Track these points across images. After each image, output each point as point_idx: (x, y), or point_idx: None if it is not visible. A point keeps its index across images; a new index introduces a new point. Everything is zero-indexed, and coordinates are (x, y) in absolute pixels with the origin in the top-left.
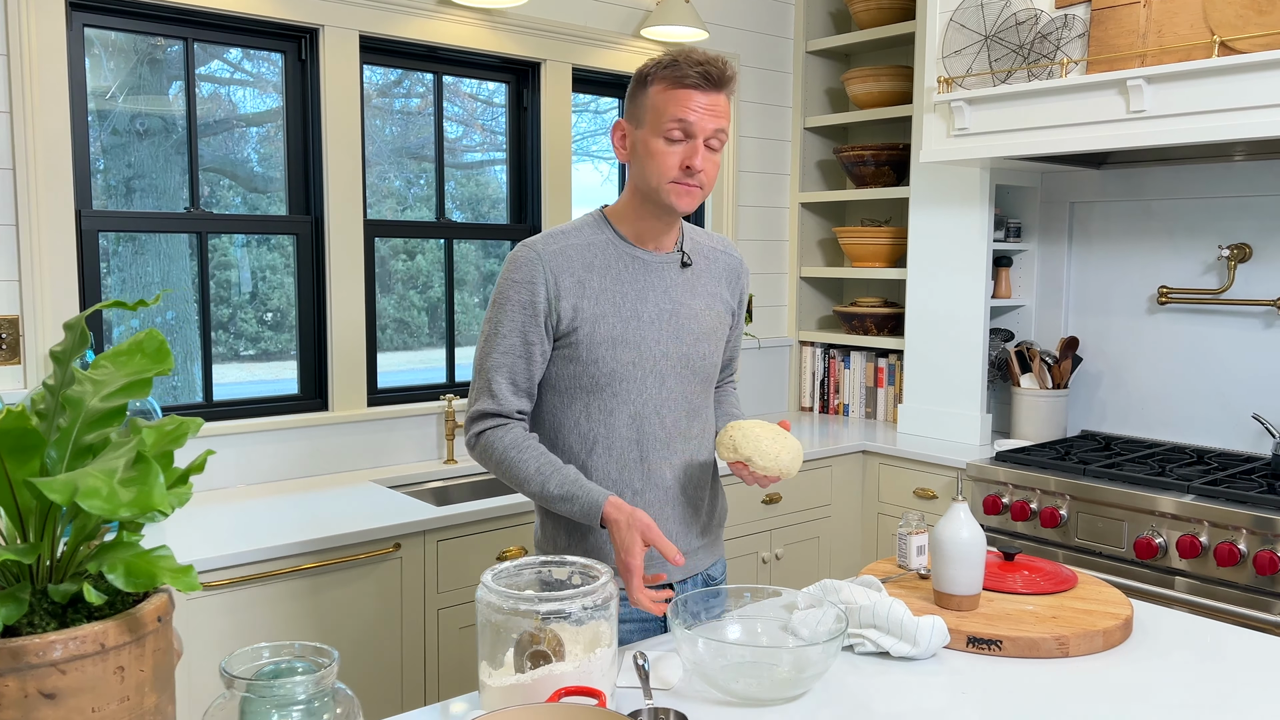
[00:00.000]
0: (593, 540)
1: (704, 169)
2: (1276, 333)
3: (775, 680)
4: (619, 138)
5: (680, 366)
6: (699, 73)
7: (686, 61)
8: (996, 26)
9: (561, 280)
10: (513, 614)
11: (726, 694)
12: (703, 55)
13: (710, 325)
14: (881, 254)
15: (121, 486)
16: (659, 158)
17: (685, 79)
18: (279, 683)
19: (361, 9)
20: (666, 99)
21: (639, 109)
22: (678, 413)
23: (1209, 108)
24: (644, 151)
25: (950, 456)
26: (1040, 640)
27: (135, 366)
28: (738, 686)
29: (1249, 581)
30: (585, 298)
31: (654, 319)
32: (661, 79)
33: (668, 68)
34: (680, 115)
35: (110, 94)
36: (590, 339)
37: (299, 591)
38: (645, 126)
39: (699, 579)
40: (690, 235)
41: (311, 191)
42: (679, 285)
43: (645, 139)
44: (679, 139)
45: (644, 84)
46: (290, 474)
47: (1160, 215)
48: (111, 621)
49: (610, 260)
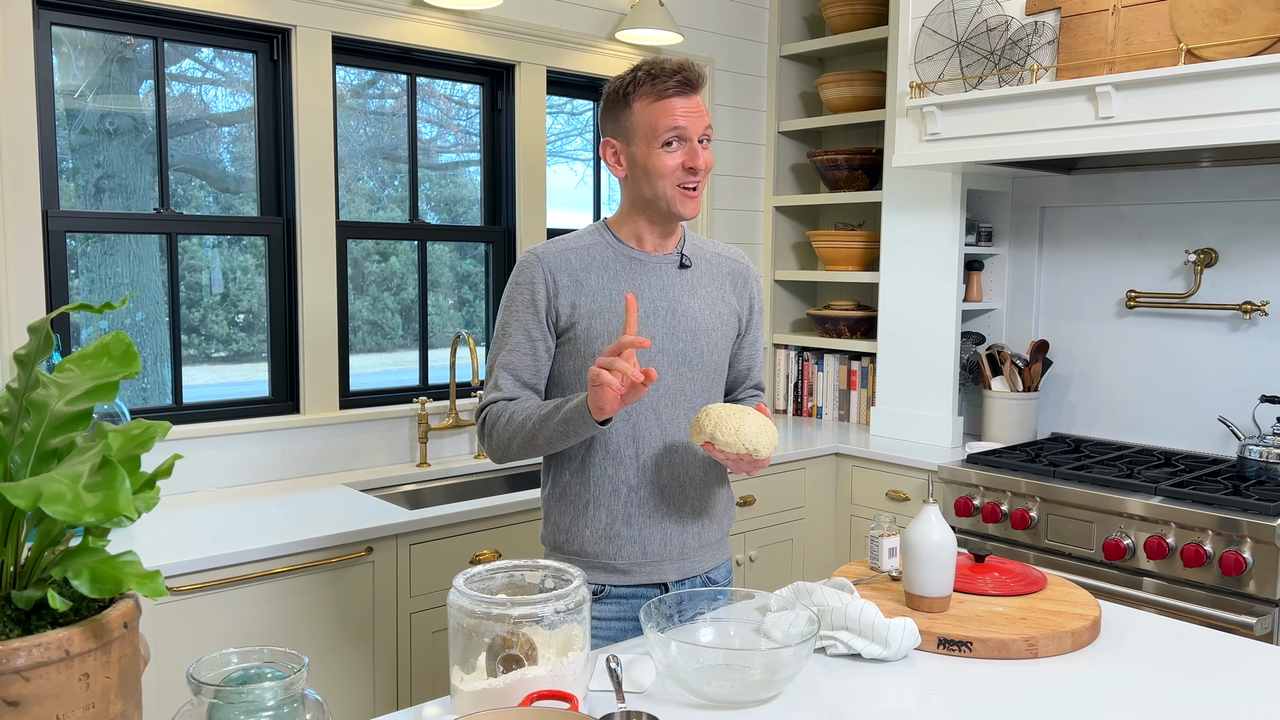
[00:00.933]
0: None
1: (705, 165)
2: (1242, 336)
3: (747, 683)
4: (611, 155)
5: (677, 363)
6: (679, 80)
7: (663, 73)
8: (968, 33)
9: (559, 279)
10: (485, 618)
11: (699, 697)
12: (673, 63)
13: (710, 324)
14: (855, 257)
15: (86, 491)
16: (661, 167)
17: (667, 89)
18: (247, 688)
19: (334, 9)
20: (655, 112)
21: (626, 126)
22: (675, 410)
23: (1176, 114)
24: (644, 164)
25: (922, 459)
26: (1010, 641)
27: (101, 370)
28: (710, 689)
29: (1215, 582)
30: (583, 295)
31: (649, 315)
32: (644, 94)
33: (647, 82)
34: (673, 124)
35: (79, 93)
36: (587, 334)
37: (269, 596)
38: (638, 141)
39: (698, 580)
40: (692, 240)
41: (283, 193)
42: (676, 284)
43: (643, 153)
44: (675, 147)
45: (625, 101)
46: (261, 477)
47: (1129, 220)
48: (76, 628)
49: (608, 260)
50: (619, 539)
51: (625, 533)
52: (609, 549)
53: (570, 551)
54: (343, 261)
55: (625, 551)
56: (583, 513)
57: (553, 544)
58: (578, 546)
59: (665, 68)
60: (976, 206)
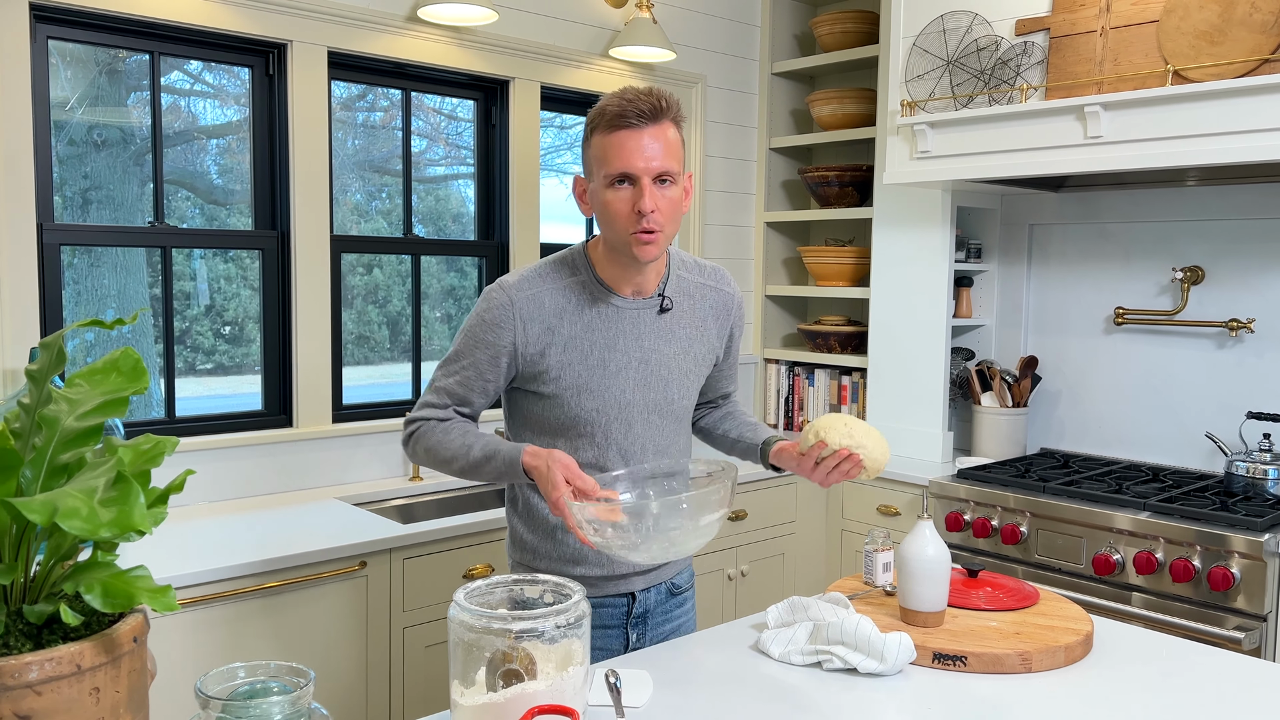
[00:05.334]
0: (559, 536)
1: (656, 209)
2: (1228, 354)
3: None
4: (580, 193)
5: (648, 412)
6: (633, 110)
7: (619, 103)
8: (958, 52)
9: (530, 327)
10: (485, 632)
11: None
12: (634, 92)
13: (684, 368)
14: (845, 273)
15: (102, 506)
16: (610, 208)
17: (619, 121)
18: (254, 703)
19: (330, 25)
20: (605, 146)
21: (588, 161)
22: (643, 454)
23: (1163, 134)
24: (598, 204)
25: (913, 474)
26: (1004, 656)
27: (111, 385)
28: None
29: (1203, 597)
30: (554, 345)
31: (621, 368)
32: (601, 127)
33: (602, 114)
34: (619, 159)
35: (68, 104)
36: (557, 384)
37: (263, 610)
38: (595, 179)
39: (663, 588)
40: (678, 272)
41: (278, 206)
42: (653, 332)
43: (596, 191)
44: (624, 186)
45: (589, 135)
46: (254, 491)
47: (1116, 238)
48: (88, 642)
49: (583, 306)
50: (586, 562)
51: (594, 557)
52: (575, 570)
53: (536, 568)
54: (337, 275)
55: (593, 572)
56: (550, 535)
57: (517, 559)
58: (544, 565)
59: (624, 97)
60: (966, 223)
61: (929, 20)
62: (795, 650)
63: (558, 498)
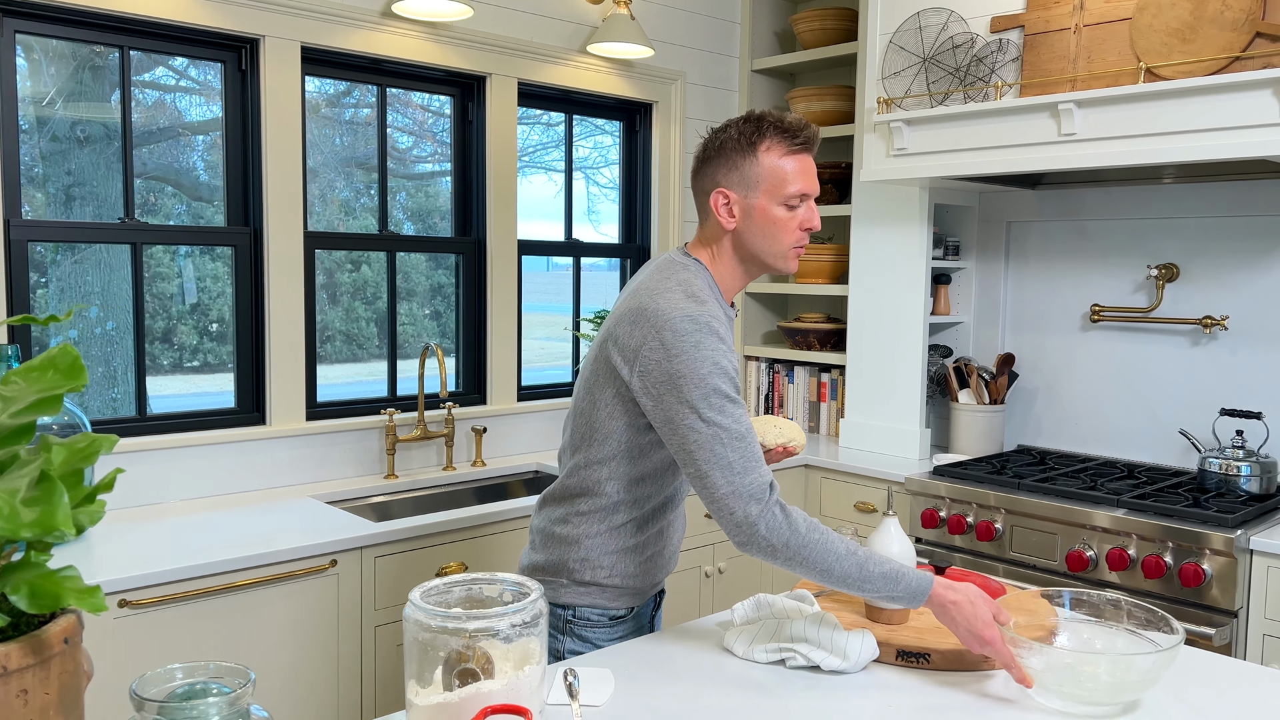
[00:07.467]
0: (658, 562)
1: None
2: (1202, 350)
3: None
4: (724, 206)
5: None
6: (806, 137)
7: (793, 127)
8: (934, 49)
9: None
10: (440, 632)
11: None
12: (796, 119)
13: None
14: (825, 270)
15: (24, 506)
16: (781, 226)
17: (797, 145)
18: (190, 704)
19: (303, 20)
20: (786, 167)
21: (748, 175)
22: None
23: (1136, 132)
24: (763, 219)
25: (890, 470)
26: (967, 653)
27: (46, 382)
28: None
29: (1175, 593)
30: None
31: None
32: (775, 146)
33: (777, 134)
34: (802, 181)
35: (50, 100)
36: None
37: (231, 609)
38: (761, 194)
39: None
40: None
41: (251, 203)
42: None
43: (764, 207)
44: (797, 205)
45: (750, 149)
46: (226, 489)
47: (1093, 235)
48: (14, 644)
49: (726, 334)
50: (661, 573)
51: (666, 569)
52: (649, 584)
53: (600, 581)
54: (310, 272)
55: (660, 582)
56: (649, 561)
57: (567, 570)
58: (618, 581)
59: (790, 122)
60: (944, 221)
61: (905, 17)
62: (759, 648)
63: (994, 637)
